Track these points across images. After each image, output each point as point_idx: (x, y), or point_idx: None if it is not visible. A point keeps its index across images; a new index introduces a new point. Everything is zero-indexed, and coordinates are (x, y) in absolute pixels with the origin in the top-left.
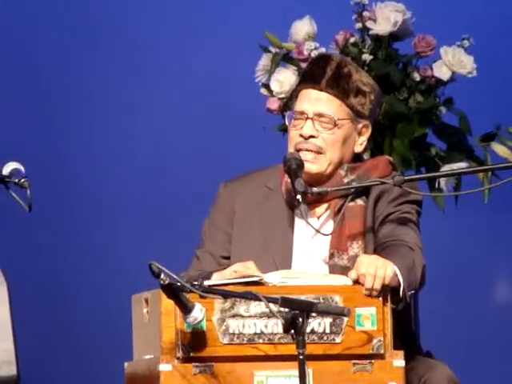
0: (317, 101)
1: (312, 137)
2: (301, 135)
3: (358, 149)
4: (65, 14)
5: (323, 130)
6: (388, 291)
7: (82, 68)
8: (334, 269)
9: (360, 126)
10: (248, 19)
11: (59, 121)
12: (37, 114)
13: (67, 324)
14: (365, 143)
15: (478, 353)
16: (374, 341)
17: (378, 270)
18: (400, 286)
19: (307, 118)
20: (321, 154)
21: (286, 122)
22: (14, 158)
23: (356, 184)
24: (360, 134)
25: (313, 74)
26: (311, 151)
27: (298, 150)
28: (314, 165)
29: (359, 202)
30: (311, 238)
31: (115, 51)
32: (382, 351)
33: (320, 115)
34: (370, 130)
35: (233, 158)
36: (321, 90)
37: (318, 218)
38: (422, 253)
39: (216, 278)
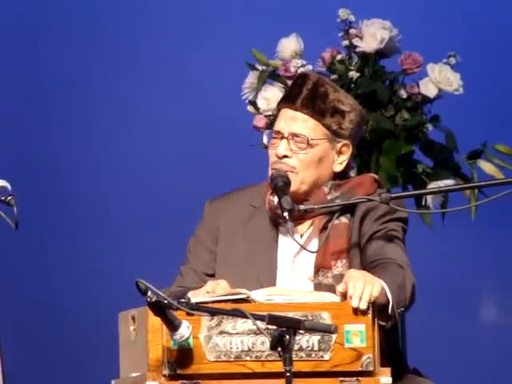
0: (292, 120)
1: (286, 157)
2: (276, 155)
3: (338, 168)
4: (59, 23)
5: (298, 149)
6: (376, 308)
7: (68, 87)
8: (319, 287)
9: (339, 145)
10: (235, 37)
11: (44, 139)
12: (24, 131)
13: (54, 342)
14: (345, 162)
15: (465, 370)
16: (363, 358)
17: (364, 288)
18: (389, 303)
19: (282, 138)
20: (293, 172)
21: (265, 141)
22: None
23: (342, 201)
24: (340, 153)
25: (290, 93)
26: (285, 171)
27: (273, 170)
28: None
29: (343, 219)
30: (295, 255)
31: (101, 67)
32: (371, 368)
33: (295, 135)
34: (351, 150)
35: (220, 174)
36: (296, 110)
37: (302, 235)
38: (412, 270)
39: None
